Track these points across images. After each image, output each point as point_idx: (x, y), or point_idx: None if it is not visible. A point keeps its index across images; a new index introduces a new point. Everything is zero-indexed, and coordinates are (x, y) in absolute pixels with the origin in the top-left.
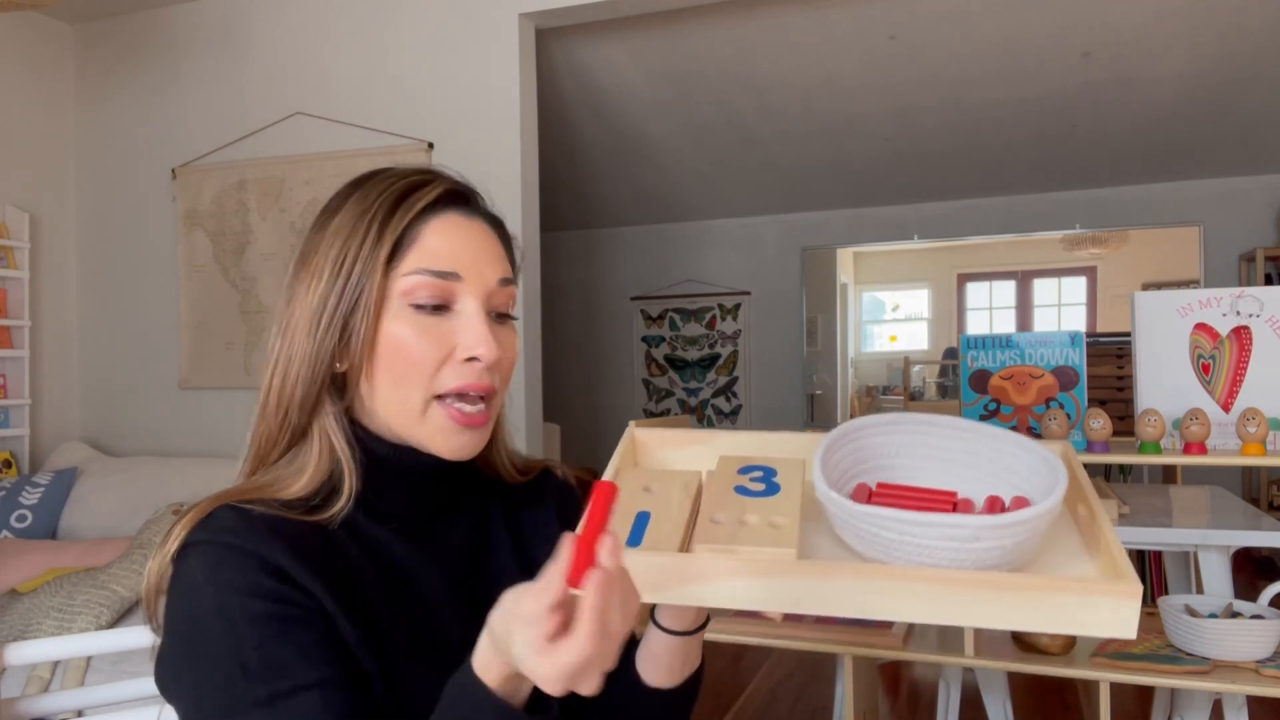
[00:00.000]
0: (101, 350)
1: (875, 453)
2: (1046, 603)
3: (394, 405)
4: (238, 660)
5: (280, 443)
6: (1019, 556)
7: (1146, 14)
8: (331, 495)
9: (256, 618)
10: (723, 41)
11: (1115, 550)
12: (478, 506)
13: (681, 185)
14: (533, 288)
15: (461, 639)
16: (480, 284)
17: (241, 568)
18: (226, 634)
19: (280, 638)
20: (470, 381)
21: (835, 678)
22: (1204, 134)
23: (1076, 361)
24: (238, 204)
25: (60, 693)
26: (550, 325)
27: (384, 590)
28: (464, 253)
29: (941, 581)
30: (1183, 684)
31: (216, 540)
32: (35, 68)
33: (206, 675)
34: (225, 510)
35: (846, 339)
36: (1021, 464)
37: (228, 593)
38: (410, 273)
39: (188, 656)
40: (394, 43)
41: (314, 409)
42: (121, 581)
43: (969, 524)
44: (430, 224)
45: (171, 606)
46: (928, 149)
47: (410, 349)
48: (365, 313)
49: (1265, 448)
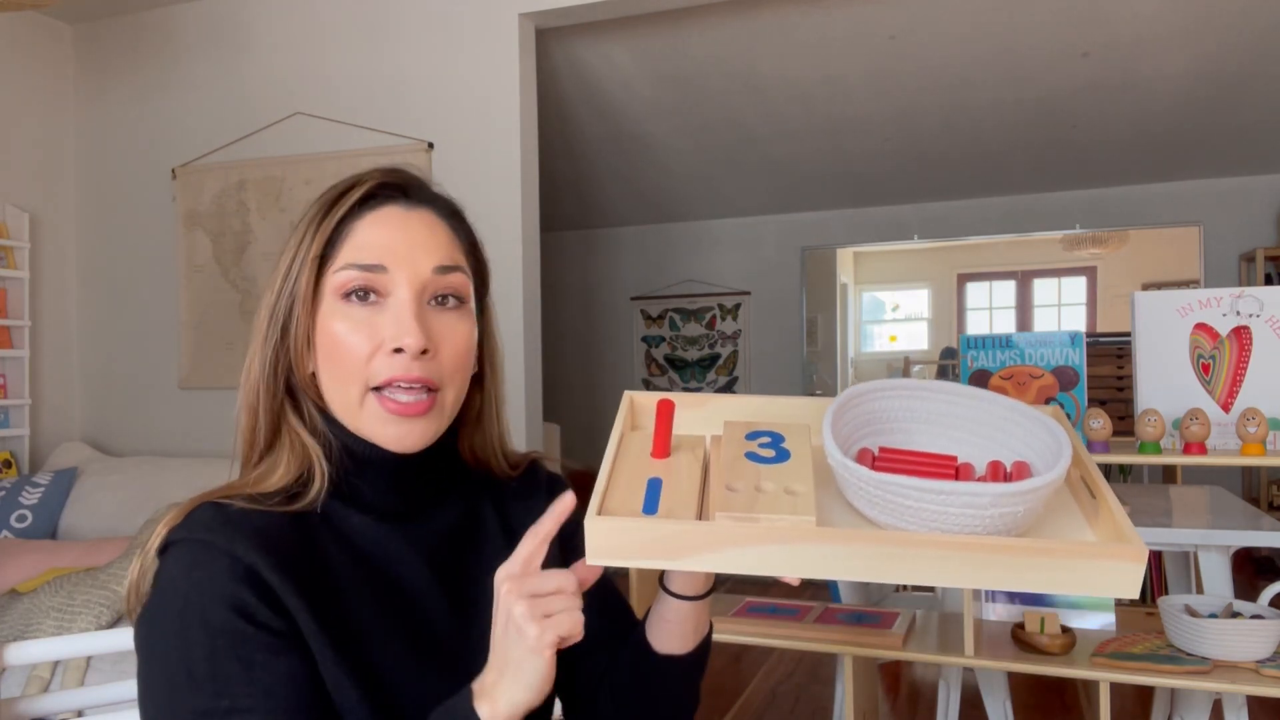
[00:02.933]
0: (101, 350)
1: (876, 417)
2: (1058, 566)
3: (337, 399)
4: (186, 666)
5: (258, 445)
6: (1026, 521)
7: (1146, 14)
8: (308, 485)
9: (214, 628)
10: (723, 41)
11: (1119, 515)
12: (468, 497)
13: (681, 185)
14: (533, 288)
15: (447, 627)
16: (411, 272)
17: (213, 570)
18: (181, 636)
19: (231, 653)
20: (399, 373)
21: (835, 678)
22: (1204, 134)
23: (1076, 361)
24: (238, 204)
25: (60, 693)
26: (550, 325)
27: (361, 579)
28: (395, 243)
29: (960, 547)
30: (1183, 684)
31: (193, 537)
32: (35, 68)
33: (157, 672)
34: (205, 507)
35: (846, 339)
36: (1020, 429)
37: (195, 595)
38: (340, 269)
39: (145, 650)
40: (394, 43)
41: (277, 410)
42: (121, 581)
43: (987, 492)
44: (364, 219)
45: (149, 598)
46: (928, 149)
47: (341, 342)
48: (303, 311)
49: (1265, 448)
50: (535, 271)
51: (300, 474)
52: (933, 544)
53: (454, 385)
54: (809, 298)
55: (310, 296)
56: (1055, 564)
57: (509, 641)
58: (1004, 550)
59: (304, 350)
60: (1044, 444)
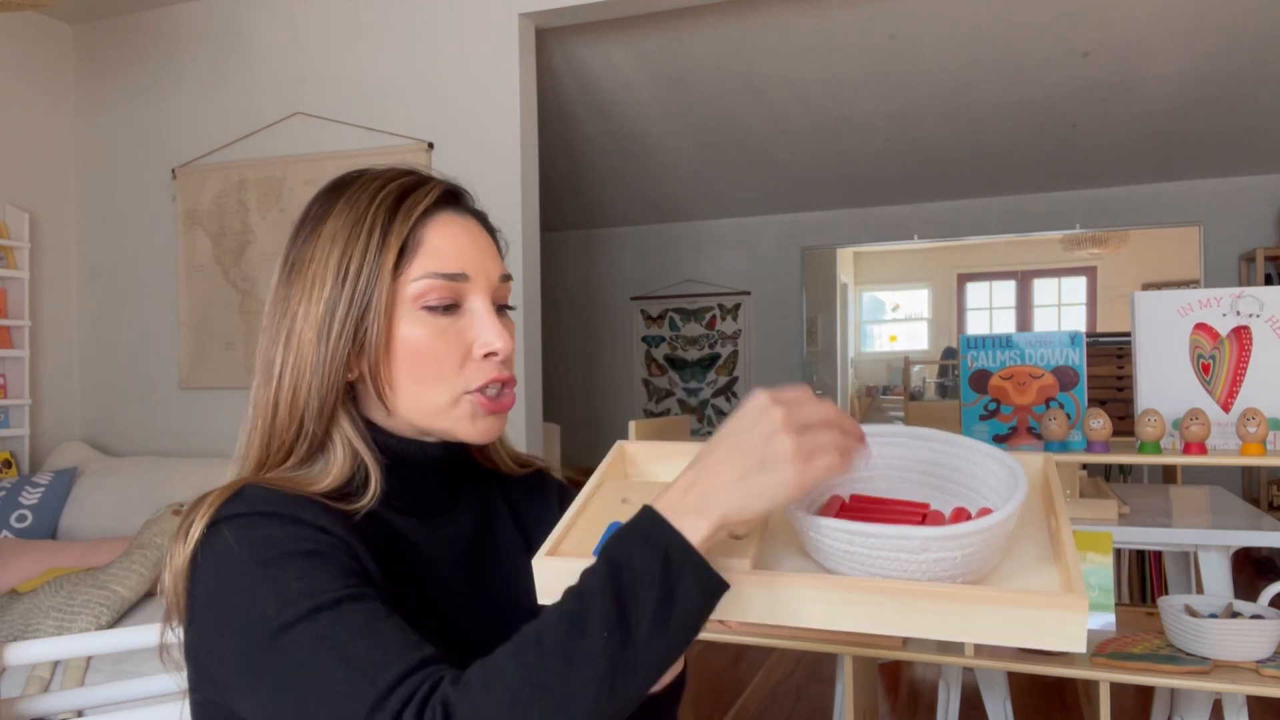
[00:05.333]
0: (101, 350)
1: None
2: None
3: (419, 404)
4: (276, 595)
5: (298, 451)
6: (974, 568)
7: (1146, 14)
8: (359, 488)
9: (294, 555)
10: (723, 41)
11: (1071, 563)
12: (480, 494)
13: (681, 185)
14: (533, 288)
15: (477, 623)
16: (485, 281)
17: (280, 526)
18: (263, 579)
19: (320, 567)
20: (494, 375)
21: (835, 678)
22: (1204, 134)
23: (1076, 361)
24: (238, 204)
25: (60, 693)
26: (550, 325)
27: (409, 580)
28: (468, 253)
29: (890, 592)
30: (1183, 684)
31: (253, 510)
32: (35, 68)
33: (244, 617)
34: (254, 487)
35: (846, 339)
36: (992, 475)
37: (264, 547)
38: (420, 277)
39: (224, 611)
40: (394, 43)
41: (331, 417)
42: (121, 581)
43: (915, 535)
44: (431, 225)
45: (201, 579)
46: (928, 149)
47: (430, 351)
48: (377, 318)
49: (1265, 448)
50: (535, 271)
51: (347, 481)
52: (852, 588)
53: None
54: (809, 298)
55: (388, 304)
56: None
57: (750, 445)
58: (934, 596)
59: (375, 357)
60: (1009, 490)
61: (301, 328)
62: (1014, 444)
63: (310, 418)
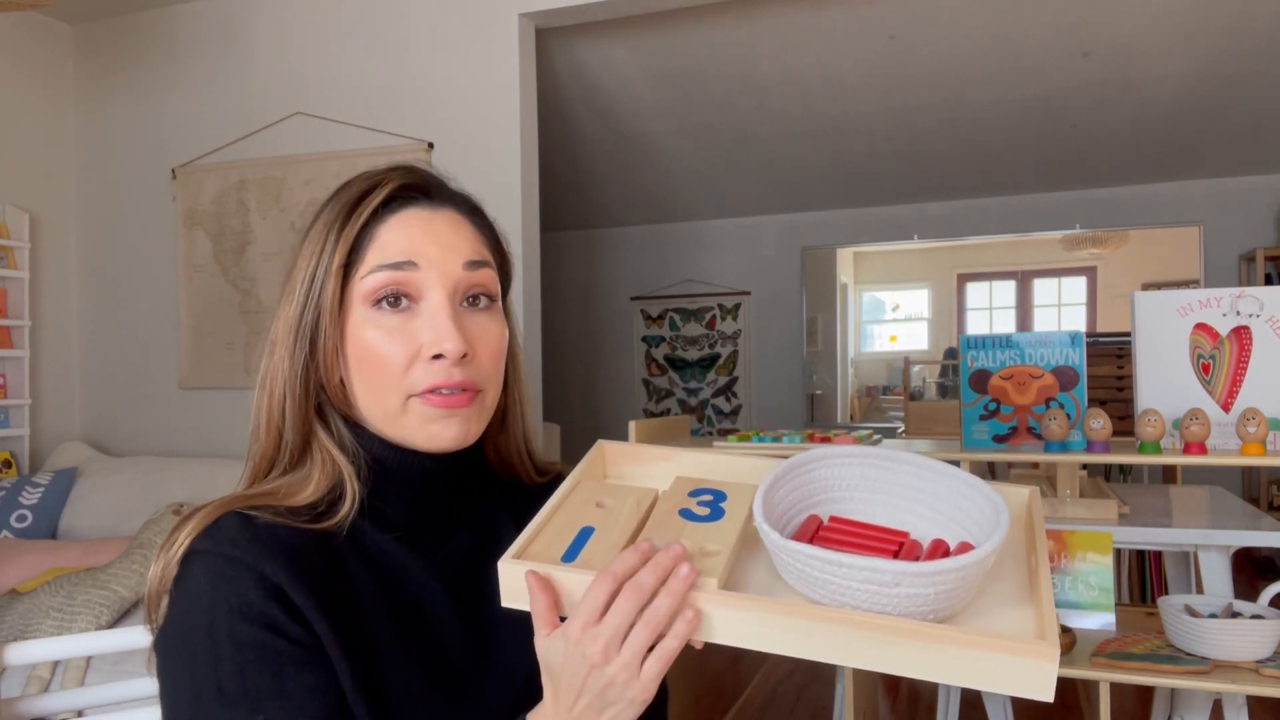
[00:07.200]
0: (101, 350)
1: (835, 484)
2: (961, 656)
3: (374, 408)
4: (215, 682)
5: (281, 461)
6: (948, 604)
7: (1146, 14)
8: (337, 502)
9: (243, 642)
10: (723, 41)
11: (1045, 608)
12: (483, 511)
13: (681, 185)
14: (533, 288)
15: (461, 651)
16: (442, 270)
17: (240, 585)
18: (211, 653)
19: (261, 668)
20: (440, 379)
21: (835, 678)
22: (1204, 134)
23: (1076, 361)
24: (238, 204)
25: (60, 693)
26: (550, 325)
27: (384, 603)
28: (422, 242)
29: (851, 624)
30: (1183, 684)
31: (218, 551)
32: (35, 68)
33: (185, 687)
34: (231, 518)
35: (846, 339)
36: (975, 508)
37: (222, 610)
38: (368, 273)
39: (173, 663)
40: (394, 43)
41: (307, 425)
42: (121, 581)
43: (889, 570)
44: (388, 222)
45: (171, 609)
46: (928, 149)
47: (376, 351)
48: (331, 321)
49: (1265, 448)
50: (535, 271)
51: (330, 490)
52: (829, 619)
53: (493, 386)
54: (809, 298)
55: (337, 306)
56: (959, 654)
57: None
58: (904, 634)
59: (334, 361)
60: (991, 526)
61: (279, 337)
62: (1014, 444)
63: (287, 427)
